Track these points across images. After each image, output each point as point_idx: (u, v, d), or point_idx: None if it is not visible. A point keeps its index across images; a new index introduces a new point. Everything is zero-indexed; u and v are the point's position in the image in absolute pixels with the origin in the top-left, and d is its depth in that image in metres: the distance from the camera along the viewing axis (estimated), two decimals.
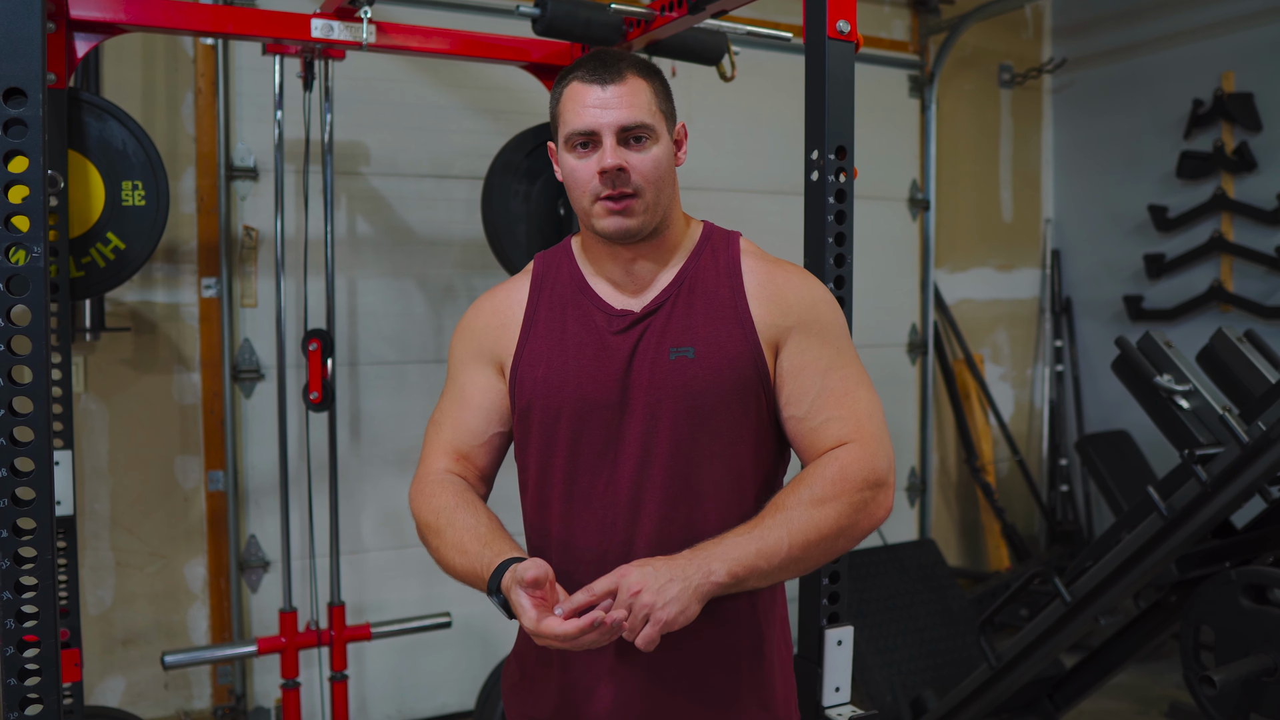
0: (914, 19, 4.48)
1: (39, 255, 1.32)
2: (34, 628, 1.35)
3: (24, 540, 1.35)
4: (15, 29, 1.30)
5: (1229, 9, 4.14)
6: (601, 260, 1.38)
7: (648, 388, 1.30)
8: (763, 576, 1.21)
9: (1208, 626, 2.36)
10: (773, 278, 1.37)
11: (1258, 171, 4.06)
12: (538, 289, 1.42)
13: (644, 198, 1.30)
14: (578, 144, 1.31)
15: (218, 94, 3.19)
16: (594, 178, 1.29)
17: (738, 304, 1.34)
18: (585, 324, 1.36)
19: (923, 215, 4.51)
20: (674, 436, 1.30)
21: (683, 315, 1.33)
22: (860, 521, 1.26)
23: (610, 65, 1.31)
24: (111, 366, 3.13)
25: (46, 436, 1.35)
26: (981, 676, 2.83)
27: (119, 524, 3.16)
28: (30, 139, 1.31)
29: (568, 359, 1.34)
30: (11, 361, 1.32)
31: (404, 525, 3.47)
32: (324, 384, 2.73)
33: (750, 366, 1.31)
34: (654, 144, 1.31)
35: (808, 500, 1.23)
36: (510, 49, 2.53)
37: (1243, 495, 2.24)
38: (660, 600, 1.14)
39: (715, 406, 1.30)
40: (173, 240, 3.18)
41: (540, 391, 1.34)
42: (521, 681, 1.43)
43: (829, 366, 1.33)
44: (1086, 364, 4.78)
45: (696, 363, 1.30)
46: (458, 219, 3.49)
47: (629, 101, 1.29)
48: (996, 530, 4.59)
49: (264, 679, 3.29)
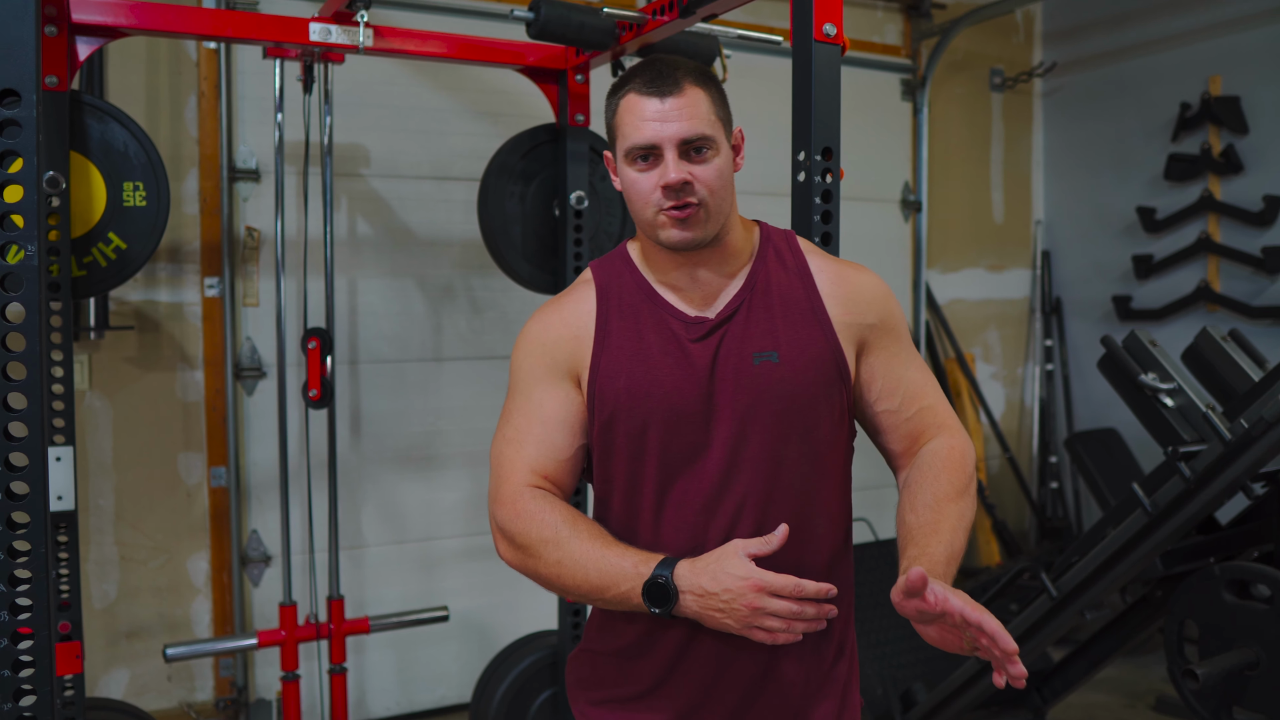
0: (906, 24, 4.47)
1: (33, 253, 1.32)
2: (28, 620, 1.35)
3: (18, 534, 1.34)
4: (9, 32, 1.29)
5: (1216, 14, 4.13)
6: (665, 268, 1.35)
7: (734, 393, 1.28)
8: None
9: (1192, 621, 2.34)
10: (844, 277, 1.38)
11: (1244, 173, 4.05)
12: (604, 299, 1.36)
13: (707, 207, 1.28)
14: (638, 157, 1.28)
15: (220, 97, 3.19)
16: (656, 190, 1.27)
17: (814, 305, 1.33)
18: (662, 332, 1.32)
19: (915, 216, 4.50)
20: (765, 439, 1.28)
21: (761, 319, 1.32)
22: (971, 508, 1.32)
23: (668, 76, 1.27)
24: (116, 364, 3.13)
25: (41, 432, 1.34)
26: (970, 670, 2.82)
27: (123, 519, 3.16)
28: (24, 139, 1.31)
29: (650, 368, 1.30)
30: (6, 358, 1.32)
31: (403, 521, 3.47)
32: (323, 382, 2.73)
33: (832, 366, 1.31)
34: (715, 154, 1.28)
35: (945, 496, 1.29)
36: (506, 52, 2.53)
37: (1226, 492, 2.23)
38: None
39: (803, 407, 1.30)
40: (176, 240, 3.18)
41: (624, 403, 1.30)
42: (592, 675, 1.43)
43: (909, 360, 1.38)
44: (1076, 363, 4.77)
45: (782, 366, 1.29)
46: (457, 220, 3.48)
47: (689, 113, 1.26)
48: (987, 526, 4.59)
49: (265, 671, 3.29)
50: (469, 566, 3.55)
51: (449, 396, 3.54)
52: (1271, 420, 2.09)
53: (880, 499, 4.48)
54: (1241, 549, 2.49)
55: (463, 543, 3.55)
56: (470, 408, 3.55)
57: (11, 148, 1.31)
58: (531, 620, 3.50)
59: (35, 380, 1.34)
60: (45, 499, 1.35)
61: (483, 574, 3.57)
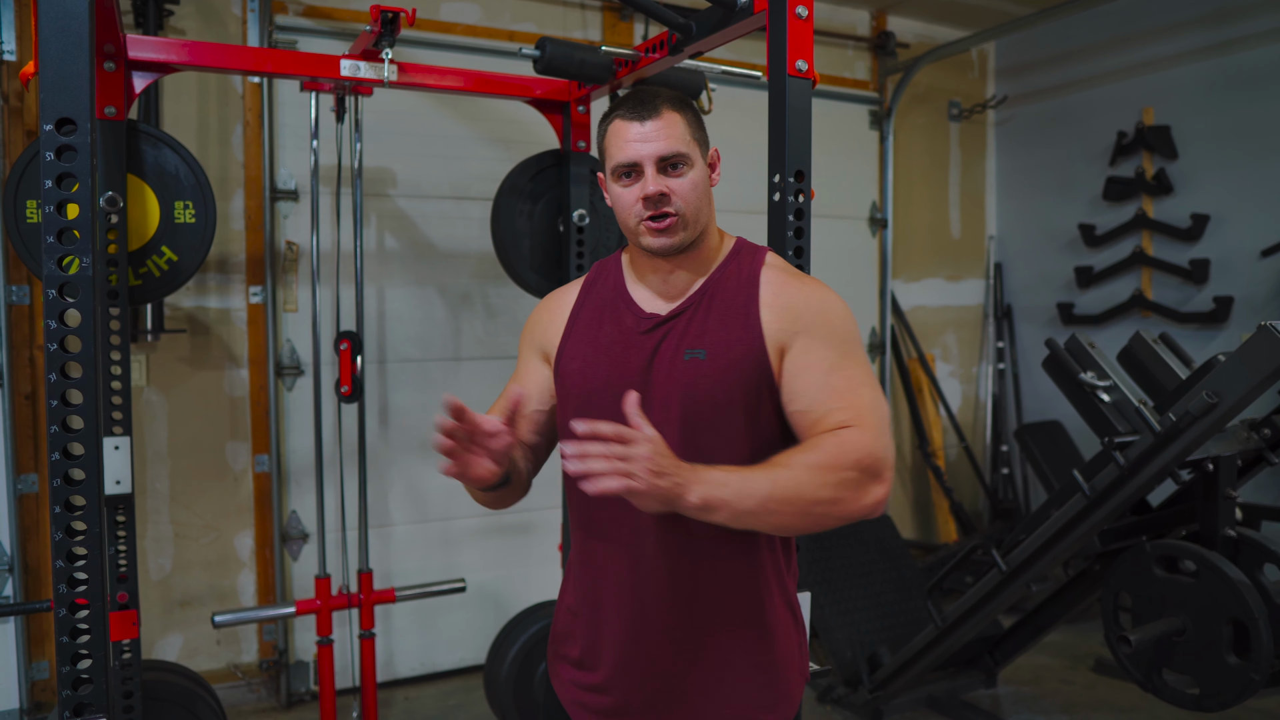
0: (874, 61, 4.46)
1: (88, 265, 1.30)
2: (84, 592, 1.33)
3: (75, 515, 1.33)
4: (67, 66, 1.28)
5: (1149, 52, 4.12)
6: (645, 271, 1.37)
7: (663, 384, 1.28)
8: (736, 516, 1.13)
9: (1126, 592, 2.34)
10: (787, 287, 1.32)
11: (1174, 194, 4.03)
12: (586, 292, 1.42)
13: (683, 216, 1.29)
14: (622, 174, 1.30)
15: (263, 125, 3.17)
16: (638, 202, 1.28)
17: (750, 310, 1.30)
18: (620, 324, 1.35)
19: (881, 232, 4.49)
20: (682, 430, 1.27)
21: (700, 320, 1.31)
22: (846, 499, 1.15)
23: (647, 103, 1.29)
24: (170, 363, 3.11)
25: (95, 425, 1.33)
26: (929, 635, 2.81)
27: (177, 501, 3.14)
28: (80, 163, 1.29)
29: (599, 354, 1.34)
30: (63, 359, 1.31)
31: (425, 502, 3.46)
32: (354, 379, 2.72)
33: (755, 369, 1.27)
34: (690, 169, 1.30)
35: (800, 463, 1.15)
36: (515, 86, 2.51)
37: (1156, 478, 2.23)
38: (652, 478, 1.08)
39: (719, 403, 1.26)
40: (224, 253, 3.17)
41: (576, 382, 1.34)
42: (559, 630, 1.43)
43: (833, 366, 1.25)
44: (1024, 362, 4.76)
45: (707, 364, 1.27)
46: (474, 235, 3.47)
47: (666, 134, 1.27)
48: (945, 508, 4.57)
49: (303, 636, 3.28)
50: (485, 543, 3.54)
51: (467, 391, 3.53)
52: (1197, 414, 2.08)
53: None
54: (1170, 528, 2.48)
55: (479, 522, 3.54)
56: (486, 401, 3.48)
57: (69, 170, 1.30)
58: (540, 590, 3.49)
59: (91, 379, 1.32)
60: (100, 485, 1.34)
61: (497, 549, 3.56)
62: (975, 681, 3.18)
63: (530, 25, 3.59)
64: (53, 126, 1.27)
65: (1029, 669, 3.48)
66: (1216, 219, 3.88)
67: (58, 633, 1.32)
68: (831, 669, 3.18)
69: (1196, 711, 2.21)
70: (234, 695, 3.23)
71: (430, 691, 3.39)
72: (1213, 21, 3.88)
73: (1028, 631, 2.89)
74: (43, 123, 1.27)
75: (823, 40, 4.24)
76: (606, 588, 1.33)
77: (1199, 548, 2.20)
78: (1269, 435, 2.42)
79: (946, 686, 3.14)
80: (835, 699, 3.18)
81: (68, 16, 1.27)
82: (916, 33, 4.54)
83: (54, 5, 1.27)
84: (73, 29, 1.27)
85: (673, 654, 1.30)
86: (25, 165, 2.01)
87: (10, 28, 2.80)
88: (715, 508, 1.12)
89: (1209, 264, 3.89)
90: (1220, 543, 2.30)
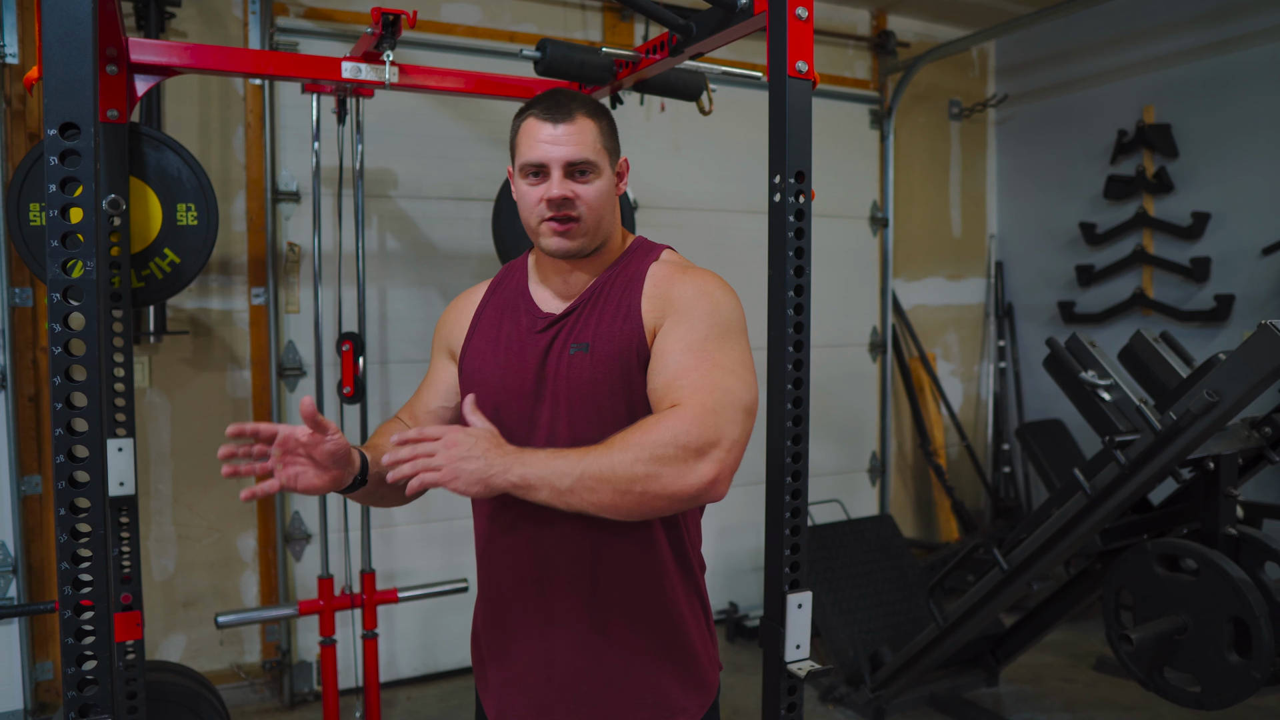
0: (874, 60, 4.46)
1: (92, 269, 1.31)
2: (89, 594, 1.34)
3: (80, 517, 1.33)
4: (70, 70, 1.28)
5: (1149, 51, 4.12)
6: (546, 272, 1.39)
7: (555, 379, 1.31)
8: (556, 494, 1.12)
9: (1127, 591, 2.34)
10: (670, 278, 1.32)
11: (1175, 193, 4.03)
12: (492, 292, 1.45)
13: (585, 223, 1.31)
14: (530, 173, 1.31)
15: (264, 127, 3.18)
16: (541, 202, 1.30)
17: (631, 304, 1.31)
18: (517, 324, 1.38)
19: (882, 231, 4.49)
20: (571, 421, 1.29)
21: (587, 317, 1.33)
22: (664, 478, 1.10)
23: (562, 105, 1.30)
24: (173, 365, 3.12)
25: (99, 428, 1.33)
26: (931, 634, 2.82)
27: (180, 502, 3.15)
28: (84, 167, 1.30)
29: (498, 353, 1.36)
30: (68, 362, 1.31)
31: (429, 503, 3.46)
32: (355, 380, 2.72)
33: (633, 356, 1.28)
34: (597, 178, 1.31)
35: (617, 444, 1.13)
36: (516, 87, 2.51)
37: (1157, 476, 2.23)
38: (456, 463, 1.11)
39: (604, 394, 1.28)
40: (226, 255, 3.17)
41: (476, 379, 1.37)
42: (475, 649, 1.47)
43: (690, 346, 1.22)
44: (1026, 361, 4.76)
45: (590, 357, 1.29)
46: (475, 236, 3.47)
47: (576, 140, 1.28)
48: (947, 506, 4.57)
49: (306, 636, 3.29)
50: None
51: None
52: (1198, 413, 2.09)
53: (850, 483, 4.47)
54: (1171, 527, 2.49)
55: None
56: None
57: (73, 174, 1.30)
58: None
59: (95, 382, 1.33)
60: (104, 487, 1.34)
61: None
62: (977, 680, 3.18)
63: (531, 26, 3.60)
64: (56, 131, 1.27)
65: (1030, 668, 3.49)
66: (1217, 217, 3.88)
67: (63, 634, 1.32)
68: (833, 668, 3.18)
69: (1198, 710, 2.21)
70: (237, 695, 3.24)
71: (433, 691, 3.40)
72: (1213, 20, 3.88)
73: (1029, 630, 2.89)
74: (46, 127, 1.27)
75: (823, 40, 4.24)
76: (508, 581, 1.36)
77: (1200, 546, 2.20)
78: (1270, 433, 2.42)
79: (948, 685, 3.14)
80: (837, 698, 3.18)
81: (71, 21, 1.27)
82: (917, 32, 4.54)
83: (57, 10, 1.27)
84: (76, 34, 1.28)
85: (578, 648, 1.32)
86: (28, 168, 2.02)
87: (12, 31, 2.80)
88: (534, 486, 1.12)
89: (1210, 262, 3.88)
90: (1221, 541, 2.30)
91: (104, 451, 1.35)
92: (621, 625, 1.32)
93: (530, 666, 1.34)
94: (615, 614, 1.31)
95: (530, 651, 1.34)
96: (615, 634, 1.32)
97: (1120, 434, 2.30)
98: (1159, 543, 2.28)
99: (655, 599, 1.33)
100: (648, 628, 1.33)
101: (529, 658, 1.34)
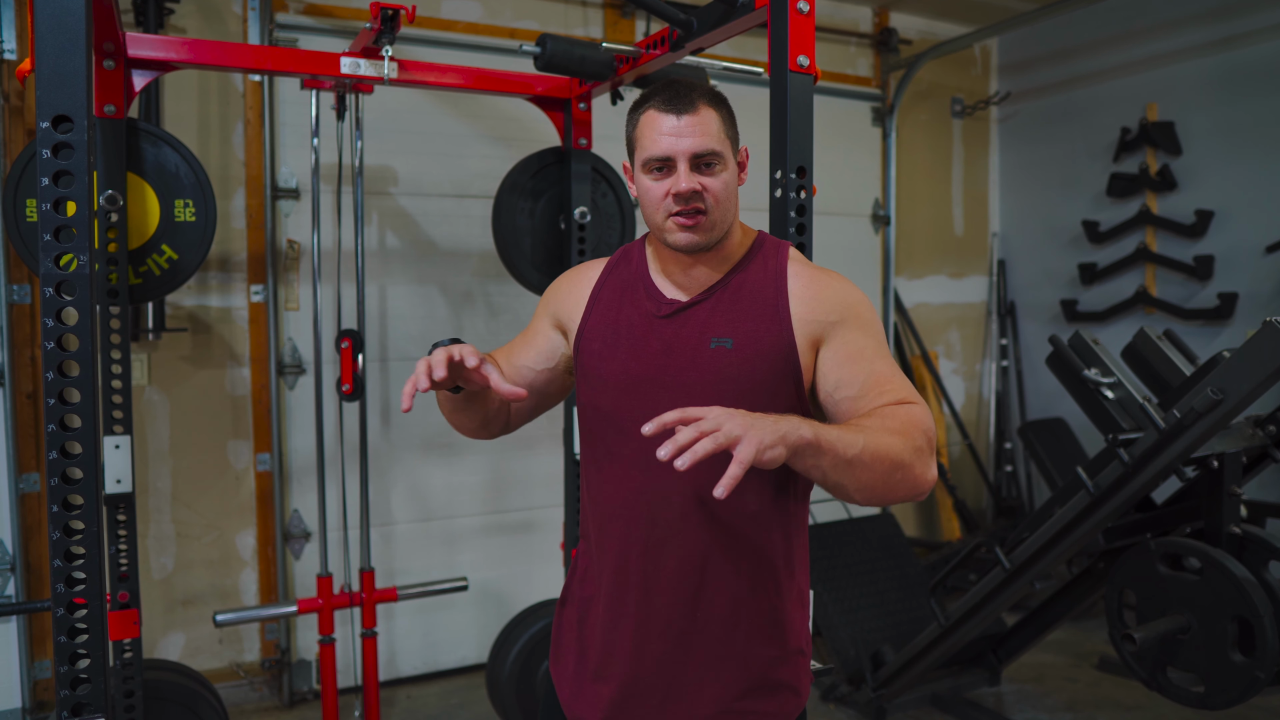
0: (876, 57, 4.44)
1: (85, 263, 1.30)
2: (82, 591, 1.33)
3: (73, 514, 1.32)
4: (63, 62, 1.27)
5: (1152, 48, 4.10)
6: (667, 262, 1.36)
7: (688, 370, 1.28)
8: (836, 463, 1.08)
9: (1130, 590, 2.32)
10: (816, 280, 1.32)
11: (1178, 191, 4.01)
12: (608, 273, 1.41)
13: (712, 215, 1.28)
14: (654, 168, 1.27)
15: (264, 124, 3.17)
16: (668, 197, 1.27)
17: (779, 303, 1.30)
18: (639, 308, 1.34)
19: (884, 229, 4.47)
20: None
21: (727, 310, 1.30)
22: (917, 467, 1.13)
23: (684, 95, 1.27)
24: (172, 362, 3.11)
25: (94, 423, 1.32)
26: (933, 633, 2.80)
27: (179, 499, 3.14)
28: (77, 160, 1.29)
29: (618, 336, 1.33)
30: (60, 357, 1.30)
31: (427, 500, 3.45)
32: (355, 377, 2.71)
33: (783, 359, 1.27)
34: (723, 169, 1.28)
35: (881, 427, 1.13)
36: (516, 83, 2.50)
37: (1160, 475, 2.21)
38: (747, 430, 1.01)
39: (747, 391, 1.26)
40: (225, 251, 3.16)
41: (594, 363, 1.33)
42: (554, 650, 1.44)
43: (875, 354, 1.26)
44: (1028, 360, 4.74)
45: (734, 353, 1.27)
46: (475, 233, 3.46)
47: (701, 130, 1.25)
48: (949, 505, 4.56)
49: (305, 635, 3.28)
50: (486, 541, 3.54)
51: None
52: (1201, 410, 2.07)
53: None
54: (1174, 526, 2.47)
55: (481, 520, 3.53)
56: None
57: (66, 168, 1.29)
58: (542, 589, 3.49)
59: (89, 376, 1.32)
60: (98, 483, 1.33)
61: (499, 548, 3.55)
62: (979, 679, 3.16)
63: (531, 22, 3.58)
64: (49, 124, 1.26)
65: (1033, 667, 3.47)
66: (1221, 215, 3.86)
67: (55, 632, 1.31)
68: (835, 667, 3.17)
69: (1201, 709, 2.20)
70: (236, 694, 3.23)
71: (432, 690, 3.39)
72: (1216, 17, 3.86)
73: (1031, 629, 2.88)
74: (39, 120, 1.26)
75: (825, 37, 4.22)
76: (616, 575, 1.32)
77: (1204, 545, 2.19)
78: (1274, 431, 2.41)
79: (950, 685, 3.12)
80: (838, 697, 3.17)
81: (63, 13, 1.26)
82: (919, 29, 4.52)
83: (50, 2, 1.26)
84: (69, 25, 1.26)
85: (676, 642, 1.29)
86: (25, 164, 2.01)
87: (10, 26, 2.79)
88: (824, 449, 1.07)
89: (1213, 260, 3.87)
90: (1225, 540, 2.29)
91: (98, 448, 1.34)
92: (724, 625, 1.30)
93: (626, 658, 1.31)
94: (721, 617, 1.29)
95: (628, 645, 1.31)
96: (718, 633, 1.30)
97: (1123, 432, 2.29)
98: (1162, 541, 2.26)
99: (765, 600, 1.31)
100: (752, 626, 1.31)
101: (627, 649, 1.31)
